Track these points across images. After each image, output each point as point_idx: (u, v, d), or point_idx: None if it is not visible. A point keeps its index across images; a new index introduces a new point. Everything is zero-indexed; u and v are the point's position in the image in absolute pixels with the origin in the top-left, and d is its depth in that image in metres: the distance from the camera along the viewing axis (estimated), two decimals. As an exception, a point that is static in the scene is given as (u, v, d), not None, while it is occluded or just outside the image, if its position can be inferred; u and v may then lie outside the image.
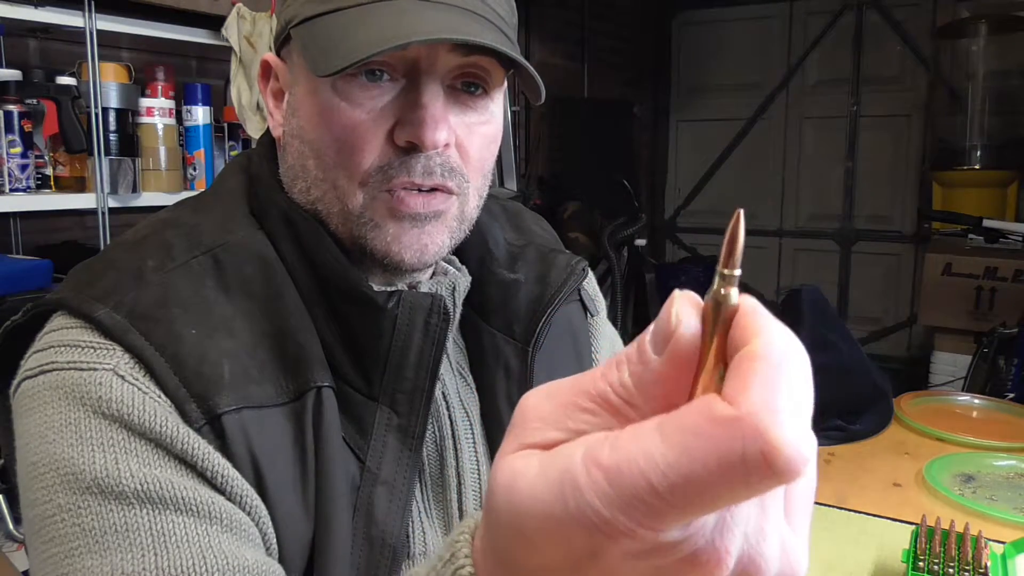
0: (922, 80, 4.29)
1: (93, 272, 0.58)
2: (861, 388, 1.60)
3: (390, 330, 0.59)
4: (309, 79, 0.60)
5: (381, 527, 0.58)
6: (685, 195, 5.08)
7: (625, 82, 4.72)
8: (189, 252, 0.59)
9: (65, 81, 1.76)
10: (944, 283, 3.07)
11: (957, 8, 4.04)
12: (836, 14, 4.49)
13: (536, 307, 0.69)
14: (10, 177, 1.68)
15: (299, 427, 0.56)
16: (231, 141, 2.15)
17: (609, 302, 3.16)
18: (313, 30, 0.58)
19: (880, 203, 4.49)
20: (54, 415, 0.52)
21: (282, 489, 0.55)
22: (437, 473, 0.65)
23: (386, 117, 0.59)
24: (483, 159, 0.63)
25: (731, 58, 4.79)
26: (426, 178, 0.59)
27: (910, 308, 4.38)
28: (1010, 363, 2.60)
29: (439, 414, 0.66)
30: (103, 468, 0.50)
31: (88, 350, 0.53)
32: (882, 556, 1.08)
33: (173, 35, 1.96)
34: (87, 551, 0.49)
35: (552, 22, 4.00)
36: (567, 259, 0.73)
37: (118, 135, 1.81)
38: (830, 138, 4.56)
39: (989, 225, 3.04)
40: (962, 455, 1.40)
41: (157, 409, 0.52)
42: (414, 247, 0.60)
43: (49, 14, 1.69)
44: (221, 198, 0.66)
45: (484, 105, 0.62)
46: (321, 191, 0.61)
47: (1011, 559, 1.00)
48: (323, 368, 0.58)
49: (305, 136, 0.61)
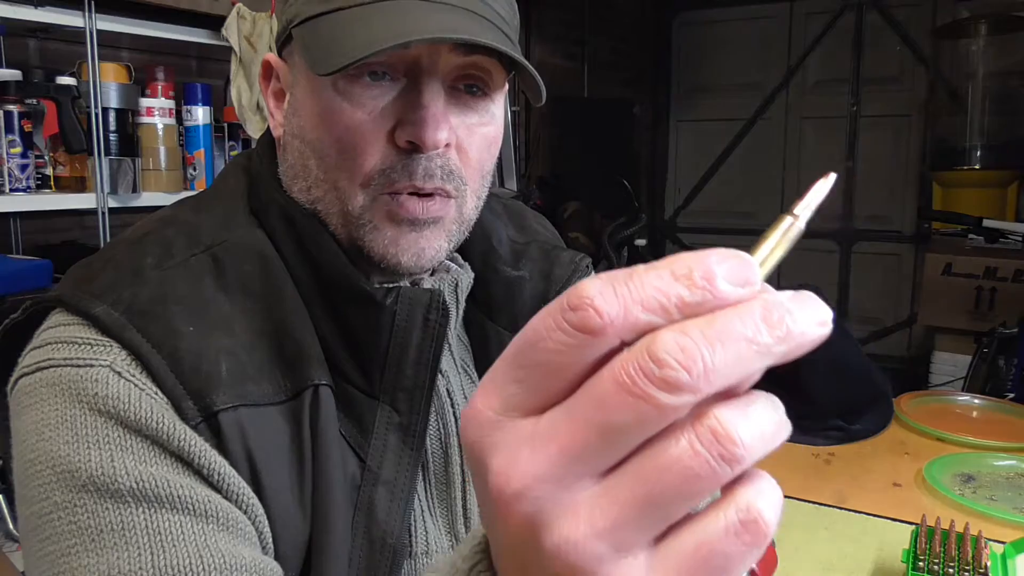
0: (922, 80, 4.29)
1: (92, 269, 0.58)
2: (861, 388, 1.60)
3: (389, 327, 0.59)
4: (310, 79, 0.60)
5: (382, 526, 0.58)
6: (685, 195, 5.07)
7: (625, 82, 4.72)
8: (188, 250, 0.59)
9: (65, 81, 1.76)
10: (944, 283, 3.07)
11: (957, 8, 4.04)
12: (836, 14, 4.48)
13: (541, 304, 0.69)
14: (10, 177, 1.68)
15: (296, 426, 0.56)
16: (231, 141, 2.15)
17: (609, 302, 3.14)
18: (315, 30, 0.58)
19: (880, 203, 4.49)
20: (50, 412, 0.52)
21: (279, 488, 0.55)
22: (441, 471, 0.65)
23: (387, 117, 0.58)
24: (482, 160, 0.63)
25: (731, 58, 4.79)
26: (427, 181, 0.59)
27: (910, 308, 4.37)
28: (1010, 363, 2.59)
29: (444, 411, 0.66)
30: (99, 465, 0.50)
31: (85, 347, 0.53)
32: (882, 556, 1.08)
33: (173, 35, 1.96)
34: (83, 549, 0.49)
35: (552, 22, 4.00)
36: (571, 256, 0.73)
37: (118, 135, 1.81)
38: (830, 138, 4.56)
39: (989, 225, 3.04)
40: (962, 455, 1.40)
41: (154, 406, 0.52)
42: (411, 251, 0.60)
43: (49, 14, 1.69)
44: (221, 197, 0.66)
45: (485, 106, 0.62)
46: (322, 191, 0.61)
47: (1011, 559, 1.00)
48: (321, 366, 0.58)
49: (306, 136, 0.61)
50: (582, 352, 0.24)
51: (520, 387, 0.25)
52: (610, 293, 0.23)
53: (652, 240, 4.86)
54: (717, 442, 0.23)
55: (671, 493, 0.23)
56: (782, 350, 0.24)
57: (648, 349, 0.23)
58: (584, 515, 0.24)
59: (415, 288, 0.62)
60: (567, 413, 0.24)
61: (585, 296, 0.23)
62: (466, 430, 0.26)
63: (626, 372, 0.23)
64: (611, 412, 0.23)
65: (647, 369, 0.22)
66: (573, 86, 4.23)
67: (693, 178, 5.03)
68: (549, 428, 0.24)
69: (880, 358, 3.88)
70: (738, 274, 0.24)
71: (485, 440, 0.25)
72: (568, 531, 0.24)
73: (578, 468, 0.24)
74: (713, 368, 0.22)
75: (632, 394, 0.22)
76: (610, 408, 0.23)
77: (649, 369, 0.22)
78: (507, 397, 0.25)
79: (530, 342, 0.25)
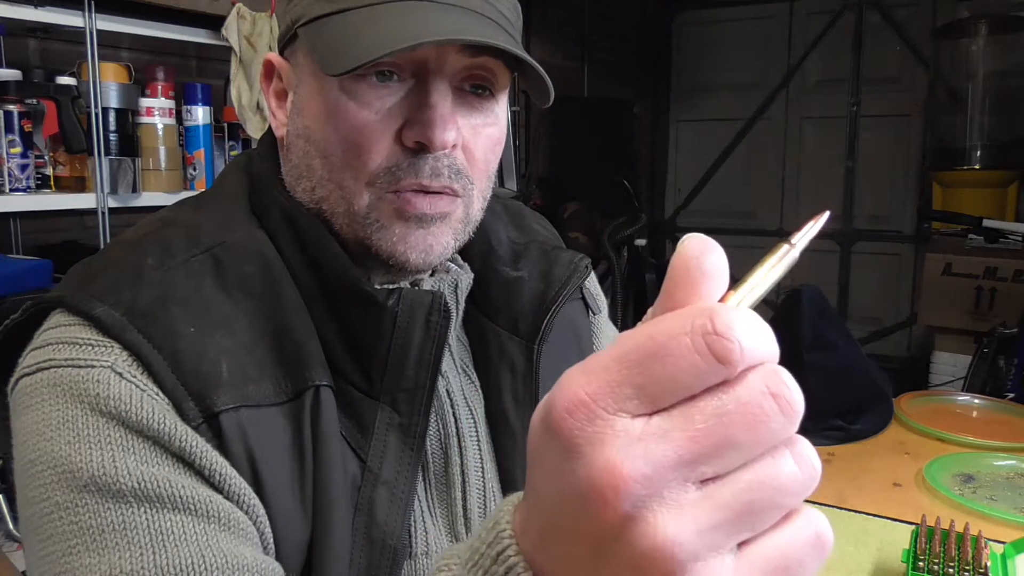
0: (922, 80, 4.29)
1: (92, 270, 0.58)
2: (861, 388, 1.60)
3: (390, 328, 0.59)
4: (316, 78, 0.60)
5: (382, 527, 0.58)
6: (685, 195, 5.07)
7: (625, 82, 4.72)
8: (189, 251, 0.59)
9: (65, 81, 1.76)
10: (944, 283, 3.07)
11: (957, 8, 4.04)
12: (836, 14, 4.48)
13: (540, 304, 0.69)
14: (10, 177, 1.68)
15: (297, 426, 0.56)
16: (231, 141, 2.15)
17: (609, 302, 3.15)
18: (322, 30, 0.58)
19: (880, 203, 4.49)
20: (51, 412, 0.52)
21: (279, 488, 0.55)
22: (441, 471, 0.65)
23: (394, 117, 0.59)
24: (488, 161, 0.63)
25: (731, 58, 4.79)
26: (434, 179, 0.59)
27: (910, 308, 4.37)
28: (1010, 363, 2.60)
29: (443, 412, 0.66)
30: (100, 466, 0.50)
31: (86, 347, 0.53)
32: (882, 556, 1.08)
33: (173, 35, 1.96)
34: (84, 549, 0.49)
35: (552, 22, 4.00)
36: (570, 256, 0.73)
37: (118, 135, 1.81)
38: (830, 138, 4.56)
39: (989, 225, 3.04)
40: (962, 455, 1.40)
41: (155, 407, 0.52)
42: (419, 247, 0.60)
43: (49, 14, 1.69)
44: (221, 197, 0.66)
45: (490, 107, 0.62)
46: (327, 191, 0.61)
47: (1011, 559, 1.00)
48: (322, 367, 0.58)
49: (311, 136, 0.61)
50: (711, 377, 0.26)
51: (637, 392, 0.26)
52: (753, 333, 0.26)
53: (652, 240, 4.86)
54: (812, 464, 0.27)
55: (767, 503, 0.26)
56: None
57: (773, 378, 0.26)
58: (690, 514, 0.25)
59: (416, 289, 0.62)
60: (685, 420, 0.26)
61: (732, 330, 0.25)
62: (562, 417, 0.26)
63: (753, 397, 0.26)
64: (733, 428, 0.25)
65: (777, 393, 0.26)
66: (573, 86, 4.23)
67: (693, 178, 5.03)
68: (664, 432, 0.26)
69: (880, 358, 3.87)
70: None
71: (589, 431, 0.26)
72: (672, 525, 0.25)
73: (689, 472, 0.26)
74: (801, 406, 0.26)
75: (756, 416, 0.25)
76: (732, 424, 0.25)
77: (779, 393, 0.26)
78: (621, 398, 0.26)
79: (657, 354, 0.26)
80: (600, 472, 0.25)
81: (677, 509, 0.25)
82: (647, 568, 0.26)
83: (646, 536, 0.25)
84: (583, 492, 0.26)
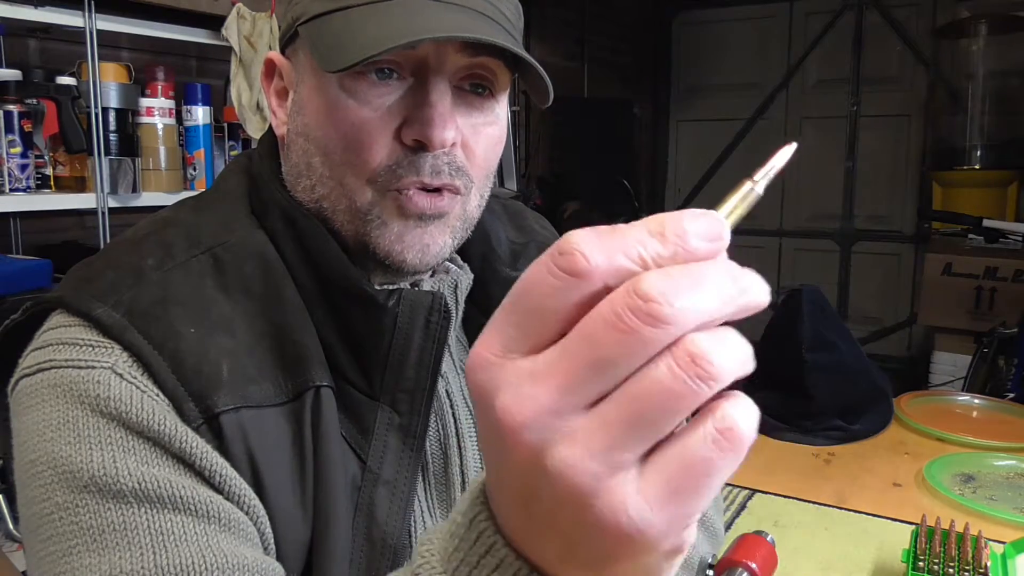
0: (922, 80, 4.29)
1: (92, 270, 0.58)
2: (861, 388, 1.60)
3: (391, 328, 0.59)
4: (316, 76, 0.60)
5: (382, 527, 0.58)
6: (685, 195, 5.07)
7: (625, 82, 4.72)
8: (189, 251, 0.59)
9: (65, 81, 1.76)
10: (944, 283, 3.07)
11: (957, 8, 4.04)
12: (836, 14, 4.48)
13: None
14: (10, 177, 1.68)
15: (298, 427, 0.56)
16: (231, 141, 2.15)
17: (609, 302, 3.14)
18: (322, 27, 0.58)
19: (880, 203, 4.49)
20: (52, 413, 0.52)
21: (280, 489, 0.55)
22: (441, 472, 0.65)
23: (394, 115, 0.59)
24: (488, 160, 0.63)
25: (731, 58, 4.79)
26: (434, 177, 0.59)
27: (910, 308, 4.37)
28: (1010, 363, 2.59)
29: (443, 412, 0.66)
30: (101, 466, 0.50)
31: (86, 348, 0.53)
32: (882, 556, 1.08)
33: (173, 35, 1.96)
34: (85, 549, 0.49)
35: (552, 22, 4.00)
36: None
37: (118, 135, 1.81)
38: (830, 138, 4.56)
39: (989, 225, 3.04)
40: (962, 455, 1.40)
41: (155, 407, 0.52)
42: (416, 247, 0.60)
43: (49, 14, 1.69)
44: (221, 197, 0.66)
45: (490, 107, 0.62)
46: (327, 189, 0.61)
47: (1011, 559, 1.00)
48: (322, 368, 0.58)
49: (311, 134, 0.61)
50: (570, 294, 0.26)
51: (517, 330, 0.27)
52: (595, 241, 0.26)
53: (652, 240, 4.85)
54: (694, 363, 0.25)
55: (655, 413, 0.25)
56: (742, 303, 0.26)
57: (635, 287, 0.25)
58: (580, 439, 0.26)
59: (417, 290, 0.62)
60: (562, 350, 0.26)
61: (572, 243, 0.26)
62: (472, 374, 0.28)
63: (614, 310, 0.25)
64: (601, 347, 0.25)
65: (634, 305, 0.25)
66: (573, 86, 4.23)
67: (693, 178, 5.03)
68: (546, 365, 0.26)
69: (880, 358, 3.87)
70: (709, 230, 0.27)
71: (489, 381, 0.27)
72: (567, 454, 0.26)
73: (573, 399, 0.26)
74: (691, 305, 0.25)
75: (619, 330, 0.25)
76: (600, 343, 0.25)
77: (635, 305, 0.25)
78: (506, 340, 0.27)
79: (524, 289, 0.27)
80: (502, 413, 0.27)
81: (569, 434, 0.26)
82: (565, 499, 0.26)
83: (549, 463, 0.26)
84: (498, 436, 0.27)
